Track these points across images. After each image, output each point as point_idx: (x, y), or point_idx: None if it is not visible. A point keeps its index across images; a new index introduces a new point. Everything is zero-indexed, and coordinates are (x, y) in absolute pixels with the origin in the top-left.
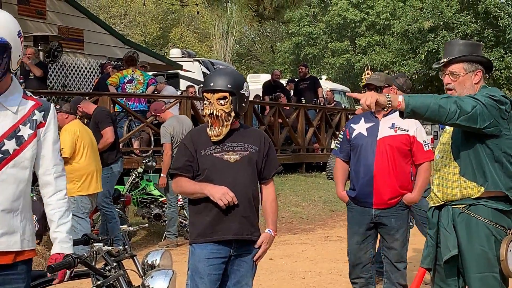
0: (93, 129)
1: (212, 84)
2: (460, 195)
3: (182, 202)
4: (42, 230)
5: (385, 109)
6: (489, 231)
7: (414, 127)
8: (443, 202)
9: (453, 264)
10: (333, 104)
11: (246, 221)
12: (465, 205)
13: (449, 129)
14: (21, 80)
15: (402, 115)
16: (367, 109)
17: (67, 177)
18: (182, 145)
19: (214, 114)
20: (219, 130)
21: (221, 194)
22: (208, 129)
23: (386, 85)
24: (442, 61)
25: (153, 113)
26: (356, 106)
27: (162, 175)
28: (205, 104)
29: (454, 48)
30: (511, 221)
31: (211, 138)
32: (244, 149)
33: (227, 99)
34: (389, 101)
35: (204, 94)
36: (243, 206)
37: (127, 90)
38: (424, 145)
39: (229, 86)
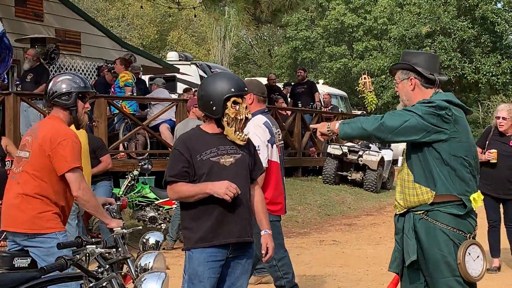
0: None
1: (246, 89)
2: (418, 201)
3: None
4: None
5: (330, 135)
6: (447, 236)
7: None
8: (406, 209)
9: (418, 268)
10: (330, 108)
11: (247, 223)
12: (423, 211)
13: None
14: (17, 82)
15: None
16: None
17: None
18: (176, 152)
19: (247, 118)
20: (247, 135)
21: (225, 189)
22: (235, 134)
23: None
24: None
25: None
26: (352, 111)
27: None
28: (235, 109)
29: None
30: (470, 225)
31: (240, 142)
32: (237, 152)
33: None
34: (329, 129)
35: (235, 98)
36: (242, 209)
37: (134, 94)
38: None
39: None
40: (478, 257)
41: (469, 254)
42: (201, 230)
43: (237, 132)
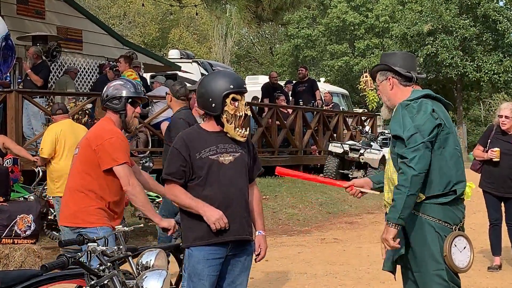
0: None
1: (245, 86)
2: None
3: None
4: (38, 230)
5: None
6: (433, 228)
7: None
8: None
9: (409, 266)
10: (331, 106)
11: (245, 221)
12: None
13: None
14: (19, 80)
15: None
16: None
17: (49, 177)
18: (174, 150)
19: (246, 115)
20: (246, 131)
21: (215, 219)
22: (235, 131)
23: None
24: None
25: None
26: (354, 109)
27: None
28: (234, 105)
29: None
30: (457, 217)
31: (241, 139)
32: (236, 150)
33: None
34: (394, 224)
35: (234, 95)
36: (240, 207)
37: None
38: None
39: None
40: (464, 248)
41: (455, 245)
42: (200, 229)
43: (237, 129)
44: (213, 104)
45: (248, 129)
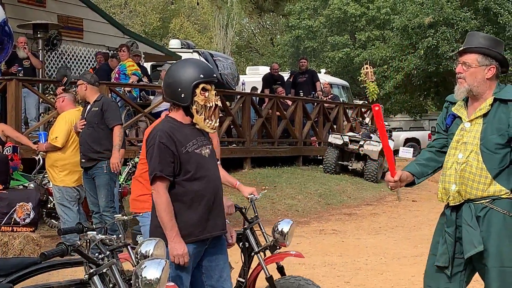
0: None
1: (215, 75)
2: (487, 195)
3: None
4: (38, 218)
5: None
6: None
7: None
8: (463, 201)
9: (463, 260)
10: (330, 97)
11: (224, 214)
12: (488, 200)
13: (469, 128)
14: (19, 68)
15: None
16: None
17: (51, 165)
18: (160, 145)
19: (216, 105)
20: (216, 122)
21: (177, 254)
22: (204, 122)
23: None
24: (459, 49)
25: None
26: (354, 100)
27: None
28: (205, 96)
29: (473, 39)
30: None
31: (210, 130)
32: (208, 143)
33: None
34: None
35: (204, 85)
36: (221, 200)
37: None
38: None
39: None
40: None
41: None
42: (187, 225)
43: (207, 120)
44: (182, 95)
45: (218, 121)
